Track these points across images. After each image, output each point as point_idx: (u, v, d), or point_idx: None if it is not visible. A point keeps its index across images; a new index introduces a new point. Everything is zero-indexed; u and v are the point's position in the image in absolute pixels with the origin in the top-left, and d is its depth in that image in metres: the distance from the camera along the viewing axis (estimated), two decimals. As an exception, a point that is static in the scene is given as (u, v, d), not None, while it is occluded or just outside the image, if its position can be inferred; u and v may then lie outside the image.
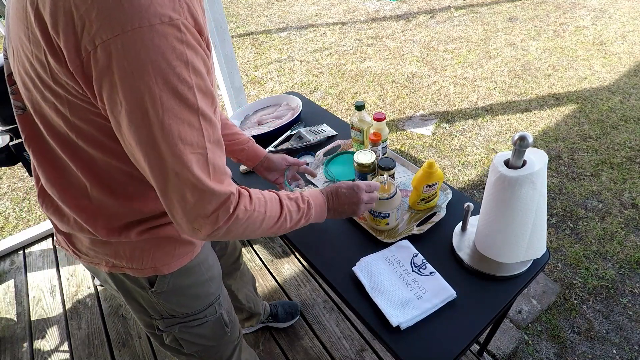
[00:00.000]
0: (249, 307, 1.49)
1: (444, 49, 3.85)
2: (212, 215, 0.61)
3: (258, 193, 0.72)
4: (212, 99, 0.58)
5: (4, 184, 2.77)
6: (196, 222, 0.61)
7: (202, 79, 0.55)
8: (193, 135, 0.56)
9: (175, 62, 0.51)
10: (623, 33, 3.77)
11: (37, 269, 2.10)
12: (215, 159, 0.60)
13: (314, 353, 1.63)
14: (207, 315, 0.92)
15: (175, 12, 0.51)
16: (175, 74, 0.52)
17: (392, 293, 0.92)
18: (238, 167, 1.37)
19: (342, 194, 0.88)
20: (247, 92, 3.60)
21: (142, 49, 0.49)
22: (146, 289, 0.81)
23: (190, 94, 0.54)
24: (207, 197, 0.60)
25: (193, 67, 0.53)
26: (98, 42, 0.49)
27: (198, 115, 0.55)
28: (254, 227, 0.70)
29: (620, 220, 2.07)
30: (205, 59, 0.56)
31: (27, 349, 1.77)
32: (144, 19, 0.49)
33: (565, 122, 2.78)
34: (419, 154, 2.66)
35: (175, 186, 0.57)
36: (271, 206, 0.73)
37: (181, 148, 0.55)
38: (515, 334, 1.63)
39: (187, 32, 0.53)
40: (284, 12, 5.16)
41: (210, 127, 0.58)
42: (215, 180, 0.60)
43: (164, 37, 0.50)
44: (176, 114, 0.53)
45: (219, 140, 0.62)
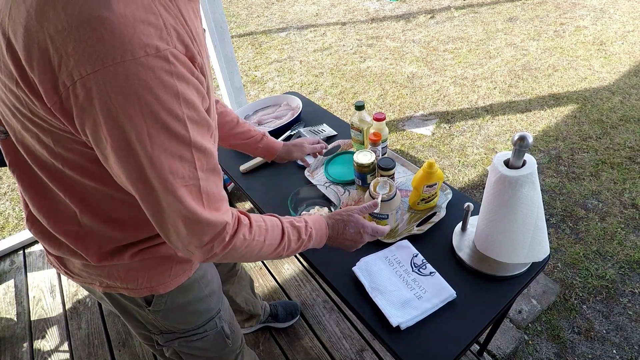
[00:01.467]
0: (248, 310, 1.49)
1: (444, 49, 3.85)
2: (207, 245, 0.60)
3: (260, 220, 0.70)
4: (207, 127, 0.56)
5: (4, 184, 2.77)
6: (190, 248, 0.60)
7: (195, 109, 0.53)
8: (185, 168, 0.53)
9: (164, 96, 0.48)
10: (623, 33, 3.77)
11: (37, 269, 2.10)
12: (209, 187, 0.58)
13: (314, 353, 1.63)
14: (207, 329, 0.91)
15: (163, 41, 0.47)
16: (165, 108, 0.48)
17: (392, 293, 0.92)
18: (238, 167, 1.37)
19: (348, 232, 0.86)
20: (247, 92, 3.60)
21: (126, 84, 0.45)
22: (143, 307, 0.80)
23: (181, 128, 0.51)
24: (201, 228, 0.58)
25: (184, 100, 0.50)
26: (77, 78, 0.45)
27: (190, 148, 0.53)
28: (251, 254, 0.69)
29: (620, 220, 2.07)
30: (198, 86, 0.53)
31: (27, 349, 1.77)
32: (127, 52, 0.45)
33: (565, 122, 2.78)
34: (419, 154, 2.66)
35: (169, 218, 0.56)
36: (272, 234, 0.71)
37: (172, 182, 0.53)
38: (515, 334, 1.63)
39: (177, 62, 0.49)
40: (284, 12, 5.16)
41: (205, 156, 0.56)
42: (209, 208, 0.58)
43: (150, 71, 0.46)
44: (166, 148, 0.51)
45: (214, 167, 0.59)
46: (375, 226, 0.90)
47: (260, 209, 1.23)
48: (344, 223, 0.86)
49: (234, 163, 1.40)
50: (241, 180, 1.34)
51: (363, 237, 0.87)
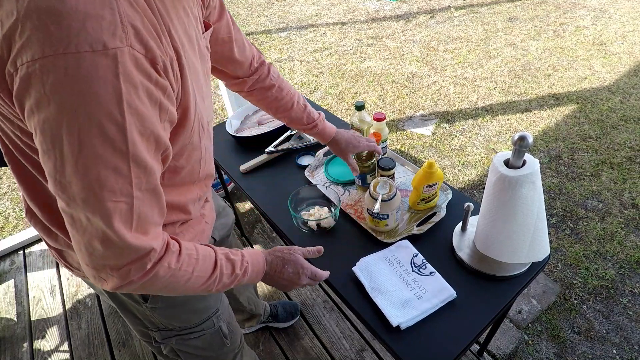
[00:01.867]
0: (250, 309, 1.49)
1: (444, 49, 3.85)
2: (124, 269, 0.53)
3: (191, 249, 0.64)
4: (155, 142, 0.51)
5: (4, 184, 2.77)
6: (103, 272, 0.53)
7: (142, 119, 0.48)
8: (117, 181, 0.48)
9: (104, 97, 0.44)
10: (623, 33, 3.77)
11: (37, 269, 2.10)
12: (143, 209, 0.52)
13: (314, 353, 1.63)
14: (204, 328, 0.91)
15: (115, 38, 0.44)
16: (103, 110, 0.44)
17: (392, 293, 0.92)
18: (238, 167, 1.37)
19: (286, 272, 0.80)
20: (247, 92, 3.59)
21: (65, 77, 0.43)
22: (140, 304, 0.79)
23: (119, 136, 0.46)
24: (119, 250, 0.51)
25: (129, 106, 0.46)
26: (19, 64, 0.43)
27: (128, 160, 0.48)
28: (175, 286, 0.62)
29: (620, 220, 2.07)
30: (153, 93, 0.49)
31: (27, 349, 1.77)
32: (71, 44, 0.42)
33: (565, 122, 2.78)
34: (419, 154, 2.66)
35: (85, 231, 0.50)
36: (202, 266, 0.65)
37: (98, 194, 0.47)
38: (515, 334, 1.63)
39: (128, 63, 0.45)
40: (284, 12, 5.16)
41: (145, 174, 0.51)
42: (137, 232, 0.52)
43: (93, 68, 0.43)
44: (99, 155, 0.46)
45: (155, 188, 0.54)
46: (315, 270, 0.85)
47: (261, 209, 1.23)
48: (283, 261, 0.81)
49: (234, 163, 1.40)
50: (241, 180, 1.34)
51: (301, 279, 0.82)
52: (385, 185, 1.02)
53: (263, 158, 1.38)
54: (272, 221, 1.18)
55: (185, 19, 0.60)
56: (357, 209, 1.17)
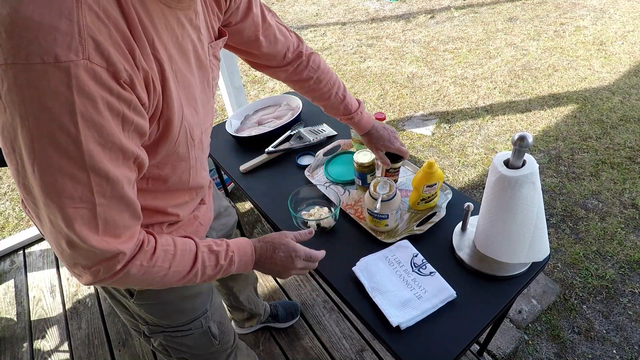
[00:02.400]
0: (250, 309, 1.49)
1: (444, 49, 3.85)
2: (93, 268, 0.54)
3: (169, 244, 0.64)
4: (121, 152, 0.50)
5: (4, 184, 2.77)
6: (76, 269, 0.55)
7: (100, 130, 0.47)
8: (76, 189, 0.48)
9: (55, 109, 0.43)
10: (623, 33, 3.77)
11: (37, 269, 2.10)
12: (109, 215, 0.52)
13: (314, 353, 1.63)
14: (192, 328, 0.90)
15: (70, 50, 0.43)
16: (55, 122, 0.44)
17: (392, 293, 0.92)
18: (238, 167, 1.37)
19: (278, 257, 0.78)
20: (247, 92, 3.60)
21: (15, 86, 0.42)
22: (128, 298, 0.80)
23: (72, 146, 0.46)
24: (85, 252, 0.52)
25: (83, 118, 0.45)
26: None
27: (86, 170, 0.47)
28: (150, 281, 0.62)
29: (620, 220, 2.07)
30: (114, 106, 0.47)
31: (27, 349, 1.77)
32: (21, 55, 0.41)
33: (565, 122, 2.78)
34: (419, 154, 2.66)
35: (51, 232, 0.51)
36: (180, 261, 0.64)
37: (57, 200, 0.48)
38: (515, 334, 1.63)
39: (83, 77, 0.44)
40: (284, 12, 5.16)
41: (109, 184, 0.50)
42: (105, 235, 0.53)
43: (44, 80, 0.42)
44: (53, 164, 0.46)
45: (122, 196, 0.53)
46: (309, 251, 0.81)
47: (261, 209, 1.23)
48: (273, 246, 0.78)
49: (234, 163, 1.40)
50: (241, 180, 1.34)
51: (295, 262, 0.79)
52: (385, 185, 1.02)
53: (263, 158, 1.38)
54: (272, 221, 1.18)
55: (179, 30, 0.59)
56: (357, 209, 1.17)
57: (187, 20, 0.62)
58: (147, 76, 0.52)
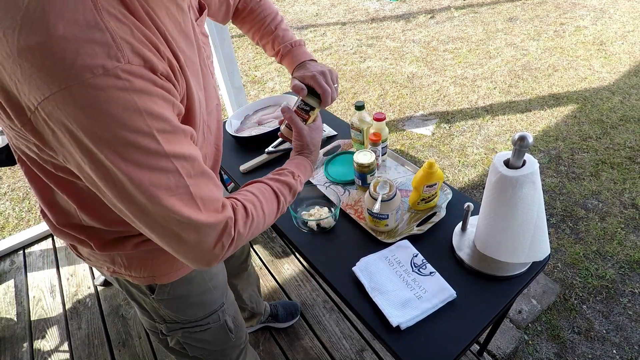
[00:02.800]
0: (252, 308, 1.50)
1: (444, 49, 3.85)
2: (217, 247, 0.59)
3: (250, 196, 0.68)
4: (183, 133, 0.54)
5: (4, 184, 2.77)
6: (205, 259, 0.59)
7: (164, 120, 0.50)
8: (169, 179, 0.51)
9: (122, 114, 0.45)
10: (623, 33, 3.77)
11: (37, 269, 2.10)
12: (201, 192, 0.56)
13: (314, 353, 1.63)
14: (210, 322, 0.91)
15: (112, 58, 0.44)
16: (126, 127, 0.46)
17: (392, 293, 0.92)
18: (238, 167, 1.37)
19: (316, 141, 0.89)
20: (247, 92, 3.60)
21: (78, 108, 0.43)
22: (147, 295, 0.81)
23: (151, 142, 0.48)
24: (204, 231, 0.56)
25: (148, 113, 0.47)
26: (36, 103, 0.44)
27: (169, 158, 0.51)
28: (258, 230, 0.68)
29: (620, 220, 2.07)
30: (164, 95, 0.50)
31: (27, 349, 1.77)
32: (72, 77, 0.42)
33: (565, 122, 2.78)
34: (419, 154, 2.66)
35: (168, 232, 0.54)
36: (268, 204, 0.70)
37: (159, 195, 0.51)
38: (515, 334, 1.63)
39: (132, 77, 0.46)
40: (284, 12, 5.16)
41: (188, 163, 0.54)
42: (207, 211, 0.56)
43: (101, 91, 0.44)
44: (142, 164, 0.49)
45: (203, 170, 0.57)
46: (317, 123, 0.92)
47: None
48: (314, 145, 0.88)
49: (234, 163, 1.40)
50: (241, 181, 1.34)
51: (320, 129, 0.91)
52: (385, 185, 1.02)
53: (263, 158, 1.38)
54: (272, 221, 1.18)
55: (180, 16, 0.59)
56: (357, 209, 1.17)
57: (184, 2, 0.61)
58: (172, 66, 0.54)
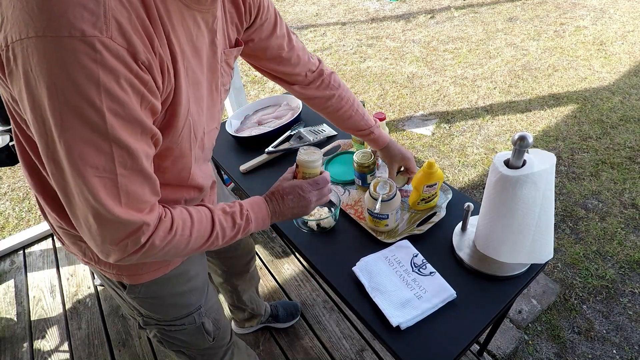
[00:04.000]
0: (252, 309, 1.50)
1: (444, 49, 3.85)
2: (121, 244, 0.57)
3: (184, 214, 0.66)
4: (139, 127, 0.53)
5: (4, 184, 2.77)
6: (104, 247, 0.57)
7: (121, 104, 0.49)
8: (100, 158, 0.51)
9: (80, 80, 0.46)
10: (623, 33, 3.77)
11: (37, 269, 2.10)
12: (129, 187, 0.54)
13: (314, 353, 1.63)
14: (185, 323, 0.91)
15: (95, 28, 0.45)
16: (80, 93, 0.46)
17: (392, 293, 0.92)
18: (238, 167, 1.37)
19: (289, 200, 0.81)
20: (247, 92, 3.60)
21: (44, 58, 0.45)
22: (121, 290, 0.81)
23: (96, 117, 0.48)
24: (111, 224, 0.54)
25: (106, 91, 0.48)
26: (9, 42, 0.46)
27: (108, 140, 0.50)
28: (177, 250, 0.65)
29: (620, 220, 2.07)
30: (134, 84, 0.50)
31: (27, 349, 1.77)
32: (51, 28, 0.44)
33: (565, 122, 2.78)
34: (419, 154, 2.66)
35: (79, 207, 0.53)
36: (199, 227, 0.67)
37: (81, 169, 0.50)
38: (515, 334, 1.63)
39: (106, 52, 0.46)
40: (284, 12, 5.16)
41: (128, 155, 0.53)
42: (128, 207, 0.55)
43: (71, 52, 0.45)
44: (78, 133, 0.48)
45: (141, 170, 0.56)
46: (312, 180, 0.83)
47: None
48: (279, 194, 0.81)
49: (234, 163, 1.40)
50: (241, 180, 1.34)
51: (308, 197, 0.81)
52: (385, 185, 1.02)
53: (263, 158, 1.38)
54: (272, 221, 1.18)
55: (195, 29, 0.61)
56: (357, 209, 1.17)
57: (204, 22, 0.64)
58: (162, 63, 0.54)
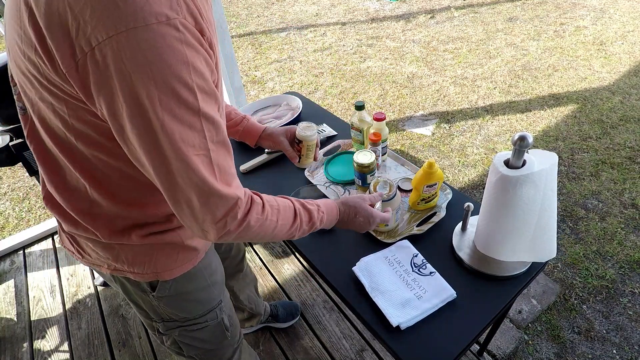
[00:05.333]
0: (250, 308, 1.49)
1: (444, 49, 3.85)
2: (221, 221, 0.60)
3: (272, 200, 0.72)
4: (215, 99, 0.57)
5: (4, 184, 2.77)
6: (205, 225, 0.60)
7: (204, 79, 0.53)
8: (195, 137, 0.54)
9: (174, 62, 0.49)
10: (623, 33, 3.77)
11: (37, 269, 2.10)
12: (219, 160, 0.59)
13: (314, 353, 1.63)
14: (208, 320, 0.92)
15: (173, 10, 0.49)
16: (174, 75, 0.50)
17: (392, 293, 0.92)
18: (238, 167, 1.37)
19: (358, 221, 0.90)
20: (247, 92, 3.60)
21: (138, 49, 0.47)
22: (147, 293, 0.81)
23: (190, 96, 0.52)
24: (213, 200, 0.58)
25: (194, 68, 0.51)
26: (95, 44, 0.47)
27: (200, 116, 0.54)
28: (264, 234, 0.70)
29: (620, 220, 2.07)
30: (207, 59, 0.54)
31: (27, 349, 1.77)
32: (139, 19, 0.47)
33: (565, 122, 2.78)
34: (419, 154, 2.66)
35: (182, 189, 0.56)
36: (284, 215, 0.73)
37: (184, 150, 0.53)
38: (515, 334, 1.63)
39: (187, 32, 0.50)
40: (284, 12, 5.16)
41: (214, 127, 0.57)
42: (222, 182, 0.59)
43: (161, 37, 0.48)
44: (176, 115, 0.52)
45: (224, 141, 0.60)
46: (383, 215, 0.93)
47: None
48: (355, 211, 0.89)
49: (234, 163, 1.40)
50: (241, 180, 1.33)
51: (370, 225, 0.91)
52: (385, 185, 1.02)
53: (263, 158, 1.38)
54: (272, 221, 1.18)
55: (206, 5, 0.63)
56: (357, 209, 1.16)
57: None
58: (211, 40, 0.57)
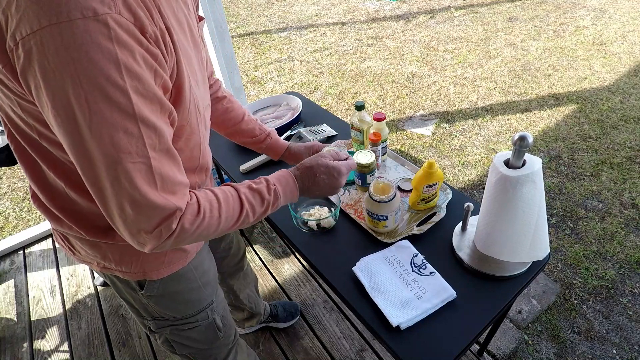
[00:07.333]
0: (250, 308, 1.49)
1: (444, 49, 3.85)
2: (155, 231, 0.56)
3: (209, 195, 0.65)
4: (158, 104, 0.52)
5: (4, 184, 2.77)
6: (139, 237, 0.56)
7: (141, 81, 0.49)
8: (131, 143, 0.50)
9: (101, 61, 0.45)
10: (623, 33, 3.77)
11: (37, 269, 2.10)
12: (162, 169, 0.54)
13: (314, 353, 1.63)
14: (198, 320, 0.91)
15: (104, 5, 0.45)
16: (103, 74, 0.46)
17: (392, 293, 0.92)
18: (238, 167, 1.37)
19: (321, 179, 0.80)
20: (247, 92, 3.60)
21: (62, 46, 0.44)
22: (137, 291, 0.81)
23: (122, 98, 0.47)
24: (147, 211, 0.54)
25: (126, 68, 0.47)
26: (19, 38, 0.44)
27: (136, 121, 0.49)
28: (208, 233, 0.64)
29: (620, 220, 2.07)
30: (147, 58, 0.50)
31: (27, 349, 1.77)
32: (63, 13, 0.43)
33: (565, 122, 2.78)
34: (419, 154, 2.66)
35: (113, 197, 0.52)
36: (227, 207, 0.66)
37: (116, 156, 0.49)
38: (515, 334, 1.63)
39: (119, 28, 0.46)
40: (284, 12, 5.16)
41: (156, 134, 0.52)
42: (164, 191, 0.55)
43: (86, 34, 0.44)
44: (107, 119, 0.47)
45: (169, 149, 0.55)
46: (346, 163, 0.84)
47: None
48: (313, 171, 0.80)
49: (234, 163, 1.40)
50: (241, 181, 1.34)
51: (339, 180, 0.83)
52: (342, 146, 1.02)
53: (263, 158, 1.38)
54: (272, 221, 1.18)
55: (174, 2, 0.60)
56: (357, 209, 1.17)
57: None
58: (163, 36, 0.53)
